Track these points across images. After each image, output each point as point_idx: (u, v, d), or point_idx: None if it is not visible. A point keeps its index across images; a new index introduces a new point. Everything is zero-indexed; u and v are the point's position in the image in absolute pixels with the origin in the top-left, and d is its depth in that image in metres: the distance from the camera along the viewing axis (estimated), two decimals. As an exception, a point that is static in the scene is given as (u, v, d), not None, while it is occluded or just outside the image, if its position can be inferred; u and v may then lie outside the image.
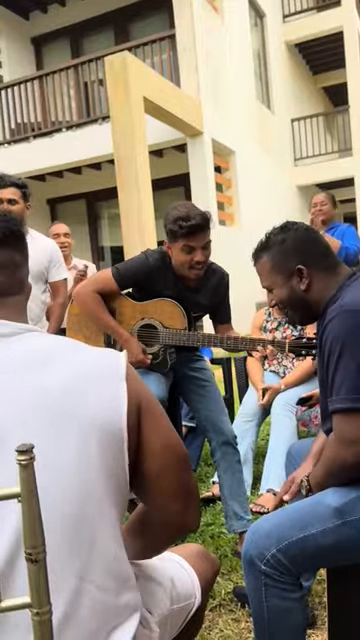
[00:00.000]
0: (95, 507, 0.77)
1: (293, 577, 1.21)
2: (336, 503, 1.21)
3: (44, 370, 0.81)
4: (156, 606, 0.95)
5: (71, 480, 0.76)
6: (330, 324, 1.23)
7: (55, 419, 0.77)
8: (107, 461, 0.79)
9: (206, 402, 2.16)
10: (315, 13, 11.09)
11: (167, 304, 2.10)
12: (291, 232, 1.39)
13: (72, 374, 0.81)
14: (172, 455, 0.88)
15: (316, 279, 1.34)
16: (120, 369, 0.84)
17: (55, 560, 0.63)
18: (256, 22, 9.98)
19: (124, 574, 0.83)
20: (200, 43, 7.20)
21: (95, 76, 7.74)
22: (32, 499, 0.61)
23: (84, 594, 0.76)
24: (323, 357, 1.26)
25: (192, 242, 1.96)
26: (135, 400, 0.83)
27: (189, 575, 1.06)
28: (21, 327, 0.87)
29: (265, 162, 9.63)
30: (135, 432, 0.83)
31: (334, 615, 1.33)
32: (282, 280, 1.38)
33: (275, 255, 1.38)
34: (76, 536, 0.76)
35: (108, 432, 0.79)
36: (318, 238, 1.42)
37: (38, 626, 0.63)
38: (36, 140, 8.18)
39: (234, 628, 1.68)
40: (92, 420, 0.78)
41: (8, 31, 9.57)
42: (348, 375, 1.18)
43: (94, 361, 0.85)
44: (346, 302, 1.23)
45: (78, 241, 9.26)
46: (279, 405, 2.68)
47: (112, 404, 0.81)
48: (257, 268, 1.45)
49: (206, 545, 2.17)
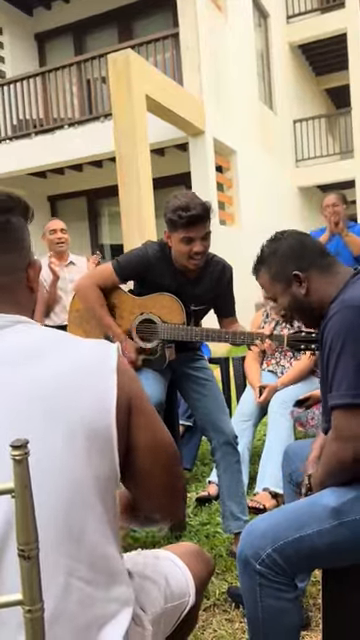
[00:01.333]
0: (83, 503, 0.77)
1: (288, 577, 1.21)
2: (333, 503, 1.20)
3: (34, 364, 0.79)
4: (150, 604, 0.95)
5: (59, 476, 0.75)
6: (331, 320, 1.24)
7: (45, 415, 0.76)
8: (95, 458, 0.78)
9: (206, 401, 2.15)
10: (319, 14, 11.07)
11: (166, 298, 2.09)
12: (282, 241, 1.42)
13: (62, 369, 0.80)
14: (162, 453, 0.88)
15: (315, 281, 1.36)
16: (111, 363, 0.83)
17: (43, 556, 0.62)
18: (260, 22, 9.97)
19: (114, 569, 0.83)
20: (203, 42, 7.18)
21: (98, 73, 7.72)
22: (26, 495, 0.61)
23: (73, 590, 0.76)
24: (324, 353, 1.26)
25: (191, 233, 1.94)
26: (125, 396, 0.82)
27: (183, 574, 1.06)
28: (11, 319, 0.84)
29: (266, 162, 9.62)
30: (125, 429, 0.82)
31: (328, 617, 1.33)
32: (282, 288, 1.40)
33: (271, 266, 1.42)
34: (64, 533, 0.75)
35: (96, 429, 0.78)
36: (310, 241, 1.45)
37: (30, 623, 0.62)
38: (38, 137, 8.17)
39: (228, 628, 1.68)
40: (80, 417, 0.77)
41: (11, 27, 9.54)
42: (349, 371, 1.18)
43: (85, 355, 0.84)
44: (347, 298, 1.24)
45: (78, 238, 9.26)
46: (276, 404, 2.68)
47: (101, 400, 0.80)
48: (259, 282, 1.49)
49: (201, 544, 2.17)
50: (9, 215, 0.88)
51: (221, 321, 2.25)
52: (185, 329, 2.06)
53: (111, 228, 9.88)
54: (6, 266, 0.87)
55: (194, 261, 2.00)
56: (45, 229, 3.83)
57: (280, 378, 2.86)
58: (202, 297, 2.13)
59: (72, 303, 2.29)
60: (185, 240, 1.95)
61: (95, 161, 8.49)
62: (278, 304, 1.44)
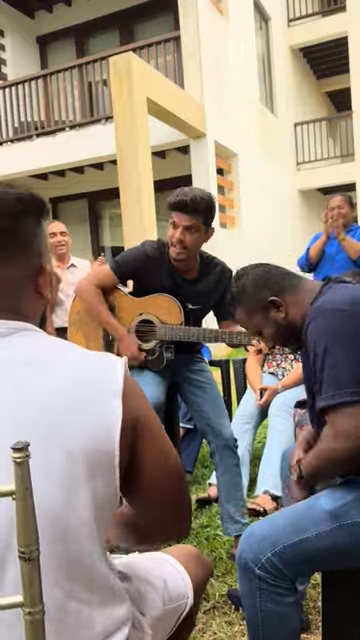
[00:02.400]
0: (80, 526, 0.74)
1: (288, 581, 1.21)
2: (331, 507, 1.21)
3: (36, 377, 0.76)
4: (149, 607, 0.95)
5: (54, 497, 0.72)
6: (310, 326, 1.26)
7: (42, 433, 0.72)
8: (95, 481, 0.75)
9: (206, 404, 2.15)
10: (320, 18, 11.10)
11: (164, 299, 2.10)
12: (246, 276, 1.45)
13: (65, 385, 0.76)
14: (167, 473, 0.85)
15: (290, 302, 1.38)
16: (117, 383, 0.78)
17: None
18: (261, 25, 10.00)
19: (111, 588, 0.82)
20: (205, 45, 7.20)
21: (99, 76, 7.74)
22: (27, 497, 0.61)
23: (70, 611, 0.75)
24: (308, 358, 1.27)
25: (176, 217, 1.99)
26: (131, 417, 0.78)
27: (182, 576, 1.06)
28: (12, 325, 0.80)
29: (267, 165, 9.64)
30: (129, 450, 0.79)
31: (328, 620, 1.33)
32: (263, 319, 1.42)
33: (244, 302, 1.44)
34: (60, 555, 0.73)
35: (98, 453, 0.75)
36: (273, 267, 1.48)
37: (30, 626, 0.63)
38: (39, 139, 8.19)
39: (227, 631, 1.68)
40: (80, 440, 0.74)
41: (13, 30, 9.58)
42: (337, 370, 1.19)
43: (89, 373, 0.79)
44: (322, 303, 1.28)
45: (79, 241, 9.27)
46: (276, 407, 2.68)
47: (104, 427, 0.76)
48: (239, 323, 1.51)
49: (201, 547, 2.17)
50: (17, 220, 0.82)
51: (220, 324, 2.27)
52: (183, 329, 2.07)
53: (112, 230, 9.90)
54: (7, 278, 0.81)
55: (174, 248, 2.01)
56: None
57: (281, 380, 2.86)
58: (199, 297, 2.14)
59: (72, 305, 2.31)
60: (172, 224, 2.00)
61: (96, 163, 8.50)
62: (265, 336, 1.45)
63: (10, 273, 0.82)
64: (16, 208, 0.82)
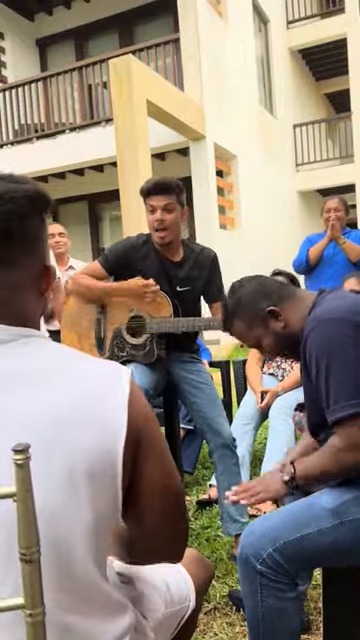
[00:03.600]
0: (80, 541, 0.73)
1: (289, 577, 1.21)
2: (331, 505, 1.21)
3: (37, 388, 0.74)
4: (151, 610, 0.94)
5: (55, 513, 0.71)
6: (310, 337, 1.25)
7: (43, 449, 0.70)
8: (96, 496, 0.73)
9: (204, 404, 2.16)
10: (319, 19, 11.12)
11: None
12: (242, 288, 1.45)
13: (67, 398, 0.74)
14: (167, 495, 0.82)
15: (288, 311, 1.38)
16: (122, 396, 0.76)
17: None
18: (260, 28, 10.01)
19: (110, 601, 0.81)
20: (204, 47, 7.22)
21: (99, 79, 7.75)
22: (28, 499, 0.61)
23: (70, 623, 0.74)
24: (309, 369, 1.27)
25: (153, 201, 2.10)
26: (135, 430, 0.76)
27: (184, 579, 1.06)
28: (14, 332, 0.78)
29: (267, 167, 9.65)
30: (131, 463, 0.77)
31: (329, 620, 1.33)
32: (262, 330, 1.41)
33: (242, 314, 1.43)
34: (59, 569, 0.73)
35: (100, 467, 0.73)
36: (267, 278, 1.49)
37: (31, 627, 0.63)
38: (39, 141, 8.20)
39: (229, 632, 1.68)
40: (82, 454, 0.72)
41: (13, 32, 9.59)
42: (342, 381, 1.19)
43: (93, 384, 0.77)
44: (320, 313, 1.27)
45: (79, 242, 9.27)
46: (277, 409, 2.68)
47: (108, 439, 0.74)
48: (235, 336, 1.49)
49: (202, 548, 2.17)
50: (26, 220, 0.79)
51: (210, 307, 2.30)
52: (172, 321, 2.12)
53: (112, 232, 9.90)
54: (10, 282, 0.78)
55: (157, 233, 2.12)
56: None
57: (281, 382, 2.86)
58: (187, 279, 2.20)
59: (65, 308, 2.36)
60: (150, 209, 2.11)
61: (96, 166, 8.51)
62: (265, 347, 1.44)
63: (15, 276, 0.79)
64: (25, 208, 0.78)
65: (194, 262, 2.21)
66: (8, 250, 0.78)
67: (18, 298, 0.80)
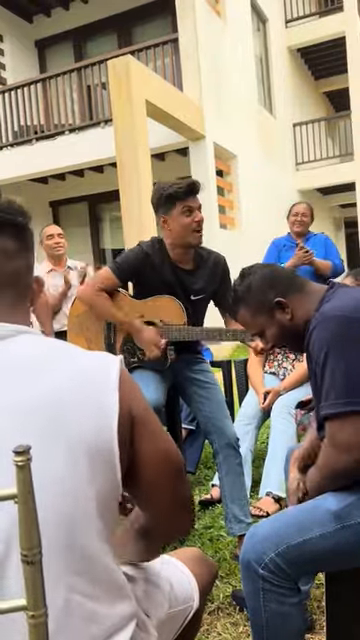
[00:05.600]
0: (84, 519, 0.76)
1: (291, 582, 1.21)
2: (334, 507, 1.21)
3: (34, 377, 0.78)
4: (154, 609, 0.95)
5: (59, 492, 0.74)
6: (314, 332, 1.25)
7: (44, 430, 0.74)
8: (96, 474, 0.76)
9: (208, 404, 2.15)
10: (317, 18, 11.10)
11: (165, 300, 2.11)
12: (252, 275, 1.43)
13: (63, 384, 0.78)
14: (168, 466, 0.86)
15: (296, 303, 1.37)
16: (112, 378, 0.81)
17: (44, 571, 0.62)
18: (258, 27, 10.01)
19: (116, 584, 0.82)
20: (203, 47, 7.21)
21: (98, 79, 7.76)
22: (29, 500, 0.61)
23: (74, 606, 0.75)
24: (312, 365, 1.27)
25: (190, 202, 2.03)
26: (127, 410, 0.80)
27: (188, 579, 1.06)
28: (12, 329, 0.82)
29: (266, 166, 9.64)
30: (128, 444, 0.81)
31: (332, 620, 1.33)
32: (267, 320, 1.40)
33: (250, 301, 1.42)
34: (65, 549, 0.74)
35: (97, 445, 0.77)
36: (279, 268, 1.48)
37: (34, 629, 0.63)
38: (39, 143, 8.20)
39: (232, 632, 1.67)
40: (81, 433, 0.76)
41: (12, 34, 9.60)
42: (335, 379, 1.18)
43: (87, 369, 0.81)
44: (327, 309, 1.26)
45: (79, 244, 9.28)
46: (278, 408, 2.68)
47: (102, 417, 0.78)
48: (240, 322, 1.48)
49: (205, 548, 2.17)
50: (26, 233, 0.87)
51: (224, 315, 2.27)
52: (186, 329, 2.08)
53: (112, 233, 9.90)
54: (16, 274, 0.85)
55: (198, 233, 2.06)
56: (42, 235, 3.85)
57: (282, 382, 2.85)
58: (201, 287, 2.16)
59: (72, 309, 2.31)
60: (186, 211, 2.03)
61: (96, 166, 8.51)
62: (267, 337, 1.43)
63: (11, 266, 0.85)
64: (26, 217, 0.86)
65: (206, 271, 2.17)
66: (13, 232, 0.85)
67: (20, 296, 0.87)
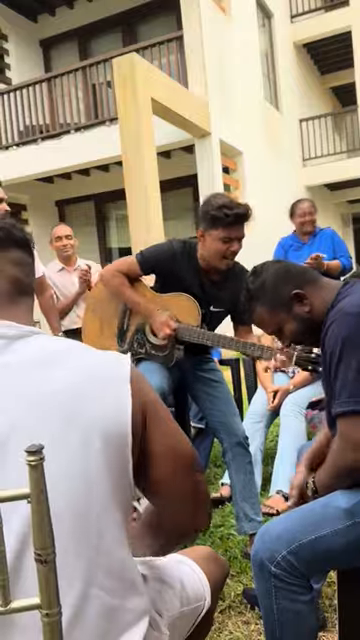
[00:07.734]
0: (100, 510, 0.77)
1: (303, 579, 1.20)
2: (346, 504, 1.20)
3: (50, 372, 0.80)
4: (166, 608, 0.95)
5: (75, 483, 0.75)
6: (330, 328, 1.24)
7: (60, 422, 0.77)
8: (111, 465, 0.78)
9: (217, 403, 2.15)
10: (323, 13, 11.04)
11: (185, 299, 2.08)
12: (265, 272, 1.41)
13: (77, 377, 0.81)
14: (180, 458, 0.87)
15: (313, 295, 1.35)
16: (124, 372, 0.83)
17: (61, 563, 0.63)
18: (264, 22, 9.96)
19: (131, 578, 0.83)
20: (208, 44, 7.19)
21: (103, 78, 7.76)
22: (42, 500, 0.61)
23: (91, 597, 0.76)
24: (326, 361, 1.26)
25: (233, 232, 1.96)
26: (140, 403, 0.82)
27: (199, 577, 1.06)
28: (27, 329, 0.86)
29: (273, 162, 9.61)
30: (140, 435, 0.82)
31: (344, 617, 1.32)
32: (286, 315, 1.37)
33: (266, 298, 1.39)
34: (81, 540, 0.75)
35: (112, 437, 0.78)
36: (290, 263, 1.47)
37: (48, 627, 0.63)
38: (44, 142, 8.21)
39: (244, 630, 1.67)
40: (96, 425, 0.78)
41: (16, 34, 9.62)
42: (349, 378, 1.17)
43: (99, 364, 0.84)
44: (345, 305, 1.24)
45: (86, 243, 9.28)
46: (288, 406, 2.67)
47: (116, 409, 0.80)
48: (256, 321, 1.45)
49: (215, 547, 2.17)
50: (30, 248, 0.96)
51: (237, 328, 2.22)
52: (198, 332, 2.05)
53: (119, 232, 9.91)
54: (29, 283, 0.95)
55: (227, 261, 2.01)
56: (51, 236, 3.86)
57: (292, 379, 2.84)
58: (223, 299, 2.13)
59: (92, 292, 2.37)
60: (224, 239, 1.96)
61: (102, 165, 8.52)
62: (285, 333, 1.40)
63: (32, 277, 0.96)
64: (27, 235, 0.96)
65: (229, 283, 2.10)
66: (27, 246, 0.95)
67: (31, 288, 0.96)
